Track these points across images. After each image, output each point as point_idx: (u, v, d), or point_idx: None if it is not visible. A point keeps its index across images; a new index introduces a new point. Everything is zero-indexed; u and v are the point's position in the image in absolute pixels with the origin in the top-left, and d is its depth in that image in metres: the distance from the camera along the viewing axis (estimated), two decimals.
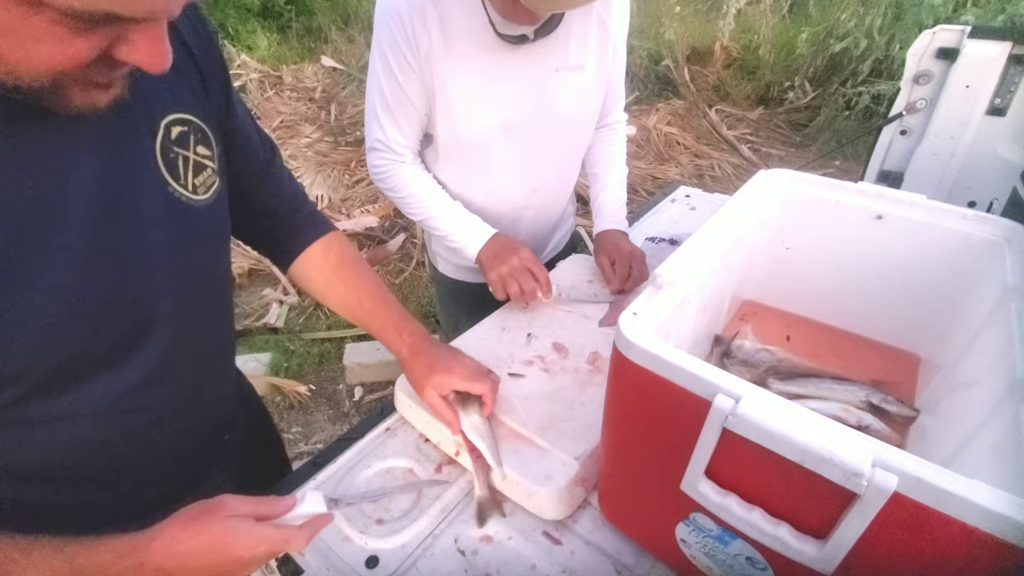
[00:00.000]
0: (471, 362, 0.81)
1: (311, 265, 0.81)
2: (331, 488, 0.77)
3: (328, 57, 4.91)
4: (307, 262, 0.81)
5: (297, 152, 3.77)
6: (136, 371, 0.55)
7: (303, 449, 2.13)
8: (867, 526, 0.41)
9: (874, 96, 4.16)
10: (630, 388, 0.55)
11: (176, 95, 0.56)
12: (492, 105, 0.99)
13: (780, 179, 0.86)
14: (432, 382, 0.77)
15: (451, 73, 0.95)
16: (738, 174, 3.86)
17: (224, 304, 0.71)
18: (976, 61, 1.48)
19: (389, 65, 0.95)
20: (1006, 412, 0.51)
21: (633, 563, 0.68)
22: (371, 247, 3.13)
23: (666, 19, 4.86)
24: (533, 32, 0.92)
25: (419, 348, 0.79)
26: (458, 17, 0.91)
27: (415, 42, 0.92)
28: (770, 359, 0.82)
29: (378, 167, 1.08)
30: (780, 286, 0.94)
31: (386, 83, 0.97)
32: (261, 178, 0.74)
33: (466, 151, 1.06)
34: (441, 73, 0.95)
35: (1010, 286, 0.63)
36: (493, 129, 1.02)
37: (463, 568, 0.67)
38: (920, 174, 1.66)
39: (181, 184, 0.56)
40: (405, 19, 0.90)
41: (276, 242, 0.81)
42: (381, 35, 0.94)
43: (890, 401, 0.73)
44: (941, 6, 3.59)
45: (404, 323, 0.81)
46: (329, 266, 0.81)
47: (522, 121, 1.02)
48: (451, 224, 1.07)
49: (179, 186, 0.56)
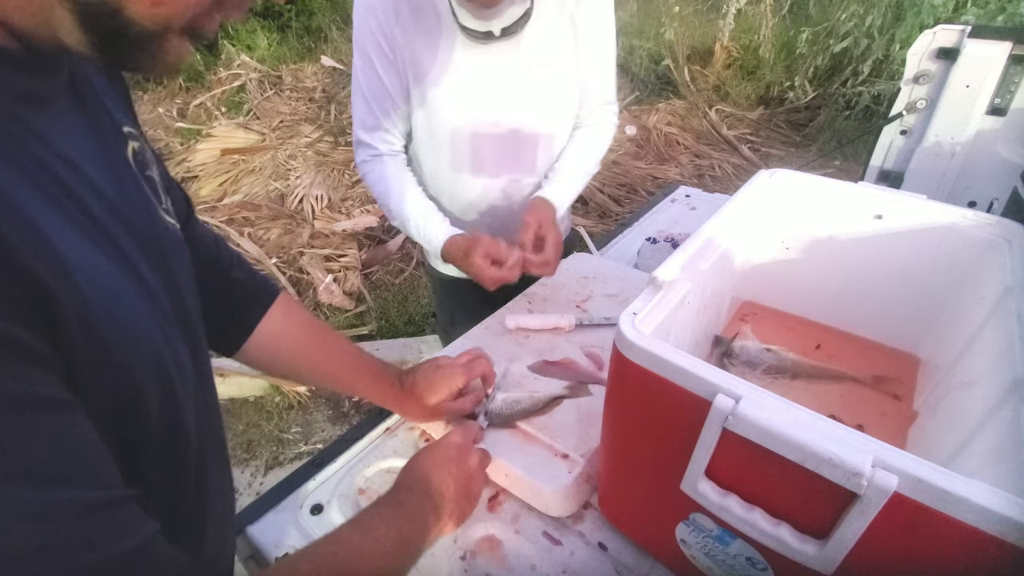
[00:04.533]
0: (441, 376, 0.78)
1: (273, 337, 0.68)
2: (331, 488, 0.77)
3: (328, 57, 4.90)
4: (268, 333, 0.68)
5: (297, 152, 3.76)
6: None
7: (303, 449, 2.13)
8: (867, 526, 0.41)
9: (874, 96, 4.16)
10: (630, 388, 0.55)
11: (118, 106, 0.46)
12: (462, 102, 1.00)
13: (780, 179, 0.86)
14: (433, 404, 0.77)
15: (422, 68, 0.96)
16: (738, 174, 3.86)
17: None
18: (976, 61, 1.48)
19: (368, 59, 0.96)
20: (1006, 412, 0.51)
21: (633, 563, 0.68)
22: (371, 247, 3.13)
23: (666, 19, 4.86)
24: (499, 30, 0.92)
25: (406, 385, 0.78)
26: (430, 15, 0.92)
27: (390, 35, 0.93)
28: (773, 359, 0.82)
29: (359, 163, 1.09)
30: (780, 286, 0.94)
31: (364, 77, 0.98)
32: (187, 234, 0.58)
33: (439, 147, 1.06)
34: (414, 67, 0.96)
35: (1010, 286, 0.63)
36: (464, 126, 1.02)
37: (463, 569, 0.67)
38: (920, 174, 1.66)
39: (163, 207, 0.47)
40: (379, 13, 0.92)
41: (222, 317, 0.63)
42: (358, 30, 0.95)
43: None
44: (941, 6, 3.59)
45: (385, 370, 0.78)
46: (299, 331, 0.70)
47: (493, 118, 1.02)
48: (414, 228, 1.05)
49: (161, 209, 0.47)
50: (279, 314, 0.69)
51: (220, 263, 0.65)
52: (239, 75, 4.58)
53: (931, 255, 0.78)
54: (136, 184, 0.44)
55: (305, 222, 3.21)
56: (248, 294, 0.67)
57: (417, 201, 1.06)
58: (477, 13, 0.90)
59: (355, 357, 0.76)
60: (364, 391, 0.76)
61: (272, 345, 0.68)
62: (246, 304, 0.67)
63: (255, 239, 3.07)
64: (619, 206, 3.47)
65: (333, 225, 3.18)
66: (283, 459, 2.10)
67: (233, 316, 0.66)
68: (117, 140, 0.43)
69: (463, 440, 0.67)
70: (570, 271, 1.17)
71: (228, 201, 3.38)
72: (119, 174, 0.42)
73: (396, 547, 0.50)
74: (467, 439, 0.68)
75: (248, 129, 4.04)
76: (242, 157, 3.74)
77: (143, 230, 0.42)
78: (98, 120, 0.41)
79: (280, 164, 3.67)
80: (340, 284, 2.83)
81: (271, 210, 3.26)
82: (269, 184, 3.52)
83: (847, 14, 4.20)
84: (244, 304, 0.67)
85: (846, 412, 0.77)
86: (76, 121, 0.39)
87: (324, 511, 0.74)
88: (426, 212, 1.05)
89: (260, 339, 0.67)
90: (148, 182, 0.46)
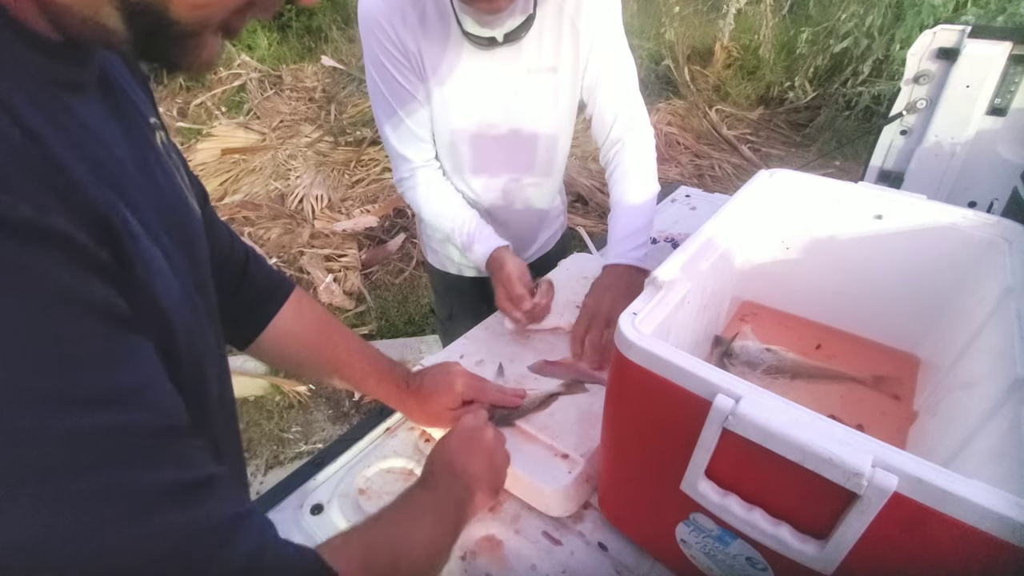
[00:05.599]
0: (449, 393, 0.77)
1: (285, 333, 0.69)
2: (331, 488, 0.77)
3: (328, 57, 4.90)
4: (280, 329, 0.69)
5: (297, 152, 3.77)
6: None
7: (303, 449, 2.13)
8: (867, 526, 0.41)
9: (874, 96, 4.16)
10: (630, 388, 0.55)
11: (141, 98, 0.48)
12: (466, 104, 1.01)
13: (780, 179, 0.86)
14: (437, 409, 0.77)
15: (430, 70, 0.97)
16: (738, 174, 3.86)
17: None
18: (976, 61, 1.48)
19: (385, 69, 0.96)
20: (1006, 412, 0.51)
21: (633, 563, 0.68)
22: (371, 247, 3.13)
23: (666, 19, 4.86)
24: (502, 36, 0.93)
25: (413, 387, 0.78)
26: (435, 21, 0.93)
27: (401, 41, 0.93)
28: (773, 359, 0.82)
29: (398, 181, 1.09)
30: (780, 286, 0.94)
31: (387, 88, 0.98)
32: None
33: (441, 146, 1.07)
34: (426, 70, 0.97)
35: (1010, 286, 0.63)
36: (466, 127, 1.03)
37: (463, 569, 0.68)
38: (920, 174, 1.66)
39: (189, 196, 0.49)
40: (385, 23, 0.92)
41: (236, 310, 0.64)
42: (369, 46, 0.95)
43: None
44: (941, 6, 3.59)
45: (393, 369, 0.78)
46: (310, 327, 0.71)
47: (496, 122, 1.03)
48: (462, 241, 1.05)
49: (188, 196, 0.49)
50: (292, 310, 0.70)
51: (235, 256, 0.65)
52: (239, 75, 4.58)
53: (931, 255, 0.78)
54: (165, 170, 0.45)
55: (305, 222, 3.21)
56: (263, 289, 0.68)
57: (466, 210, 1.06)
58: (480, 20, 0.91)
59: (363, 355, 0.76)
60: (370, 389, 0.77)
61: (283, 340, 0.69)
62: (261, 299, 0.68)
63: (255, 239, 3.07)
64: None
65: (333, 225, 3.18)
66: (283, 459, 2.10)
67: (247, 310, 0.66)
68: (143, 128, 0.45)
69: (475, 422, 0.68)
70: (570, 271, 1.17)
71: (228, 201, 3.38)
72: (147, 160, 0.43)
73: (435, 526, 0.53)
74: (479, 420, 0.69)
75: (248, 129, 4.04)
76: (242, 157, 3.74)
77: (171, 214, 0.43)
78: (124, 109, 0.43)
79: (280, 164, 3.68)
80: (340, 284, 2.83)
81: (271, 210, 3.26)
82: (269, 184, 3.52)
83: (847, 14, 4.19)
84: (259, 299, 0.68)
85: (846, 412, 0.77)
86: (105, 109, 0.40)
87: (324, 511, 0.74)
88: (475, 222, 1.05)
89: (272, 334, 0.68)
90: (176, 169, 0.47)
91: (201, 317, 0.45)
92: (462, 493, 0.60)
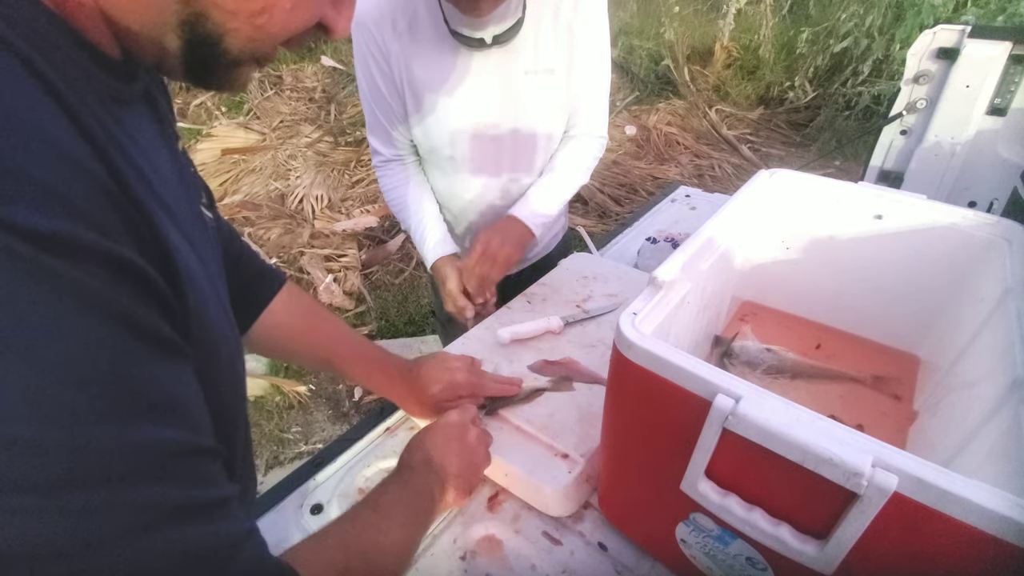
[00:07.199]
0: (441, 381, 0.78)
1: (274, 323, 0.71)
2: (331, 488, 0.77)
3: (328, 57, 4.90)
4: (270, 320, 0.70)
5: (297, 152, 3.77)
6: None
7: (303, 449, 2.13)
8: (867, 526, 0.41)
9: (874, 96, 4.16)
10: (630, 388, 0.55)
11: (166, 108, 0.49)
12: (461, 105, 1.02)
13: (780, 179, 0.86)
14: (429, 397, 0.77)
15: (419, 75, 0.99)
16: (738, 174, 3.86)
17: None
18: (976, 61, 1.47)
19: (369, 71, 1.01)
20: (1006, 412, 0.51)
21: (633, 563, 0.68)
22: (371, 247, 3.13)
23: (666, 19, 4.86)
24: (491, 38, 0.94)
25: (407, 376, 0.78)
26: (426, 23, 0.95)
27: (385, 48, 0.97)
28: (773, 359, 0.82)
29: (374, 166, 1.14)
30: (780, 286, 0.94)
31: (367, 86, 1.03)
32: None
33: (439, 148, 1.08)
34: (410, 75, 0.99)
35: (1010, 286, 0.63)
36: (461, 131, 1.04)
37: (462, 569, 0.67)
38: (920, 174, 1.66)
39: (202, 202, 0.50)
40: (373, 29, 0.96)
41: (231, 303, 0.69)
42: (357, 44, 0.99)
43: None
44: (941, 6, 3.60)
45: (385, 359, 0.78)
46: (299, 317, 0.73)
47: (494, 123, 1.04)
48: (417, 241, 1.12)
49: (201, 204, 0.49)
50: (282, 301, 0.71)
51: (231, 249, 0.67)
52: None
53: (931, 255, 0.78)
54: (190, 179, 0.47)
55: (305, 222, 3.21)
56: (254, 281, 0.69)
57: (420, 213, 1.12)
58: (466, 21, 0.92)
59: (352, 344, 0.77)
60: (359, 377, 0.77)
61: (273, 331, 0.71)
62: (252, 291, 0.69)
63: (255, 239, 3.07)
64: (619, 206, 3.48)
65: (333, 225, 3.18)
66: (283, 459, 2.10)
67: (240, 302, 0.68)
68: (172, 138, 0.47)
69: (461, 418, 0.69)
70: (570, 271, 1.17)
71: (228, 201, 3.38)
72: (180, 169, 0.45)
73: (408, 520, 0.54)
74: (464, 417, 0.70)
75: (248, 129, 4.04)
76: (242, 157, 3.74)
77: (196, 222, 0.45)
78: (161, 121, 0.45)
79: (280, 164, 3.67)
80: (340, 284, 2.83)
81: (271, 210, 3.26)
82: (269, 184, 3.52)
83: (847, 14, 4.20)
84: (251, 290, 0.68)
85: (846, 412, 0.77)
86: (152, 123, 0.43)
87: (324, 511, 0.74)
88: (424, 227, 1.11)
89: (263, 325, 0.70)
90: (194, 178, 0.50)
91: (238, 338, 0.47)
92: (436, 489, 0.60)
